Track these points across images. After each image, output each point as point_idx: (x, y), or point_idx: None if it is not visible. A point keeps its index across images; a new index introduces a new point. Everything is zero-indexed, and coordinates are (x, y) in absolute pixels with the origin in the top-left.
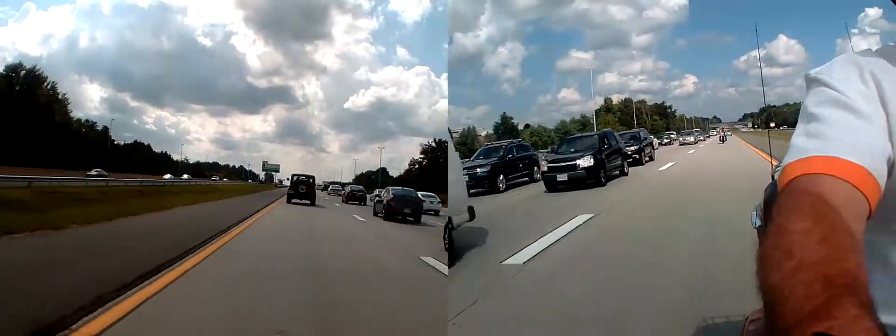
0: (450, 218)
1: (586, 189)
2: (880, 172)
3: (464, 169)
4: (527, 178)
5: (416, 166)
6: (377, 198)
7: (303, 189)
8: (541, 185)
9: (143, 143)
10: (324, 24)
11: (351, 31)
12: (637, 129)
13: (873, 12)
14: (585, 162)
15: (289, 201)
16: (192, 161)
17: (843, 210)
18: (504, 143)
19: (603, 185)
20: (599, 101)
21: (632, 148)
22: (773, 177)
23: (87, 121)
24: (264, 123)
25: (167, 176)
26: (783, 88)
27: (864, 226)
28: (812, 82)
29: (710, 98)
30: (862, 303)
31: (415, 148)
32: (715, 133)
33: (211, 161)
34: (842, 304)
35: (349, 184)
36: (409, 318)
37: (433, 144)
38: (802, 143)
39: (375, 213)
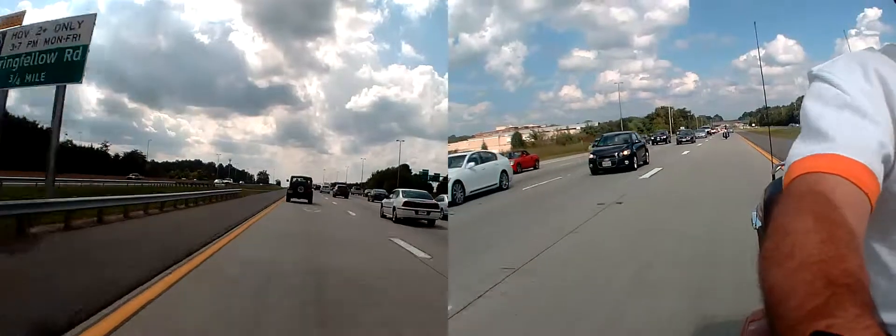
0: None
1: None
2: (880, 171)
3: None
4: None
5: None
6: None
7: (301, 189)
8: None
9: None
10: (326, 17)
11: (354, 25)
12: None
13: (872, 13)
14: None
15: (288, 200)
16: (158, 161)
17: (845, 209)
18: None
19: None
20: (600, 99)
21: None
22: (773, 176)
23: None
24: (265, 126)
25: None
26: (783, 87)
27: (866, 225)
28: (815, 79)
29: (711, 96)
30: (863, 302)
31: (417, 149)
32: (718, 130)
33: (194, 160)
34: (843, 303)
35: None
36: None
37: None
38: (805, 141)
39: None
